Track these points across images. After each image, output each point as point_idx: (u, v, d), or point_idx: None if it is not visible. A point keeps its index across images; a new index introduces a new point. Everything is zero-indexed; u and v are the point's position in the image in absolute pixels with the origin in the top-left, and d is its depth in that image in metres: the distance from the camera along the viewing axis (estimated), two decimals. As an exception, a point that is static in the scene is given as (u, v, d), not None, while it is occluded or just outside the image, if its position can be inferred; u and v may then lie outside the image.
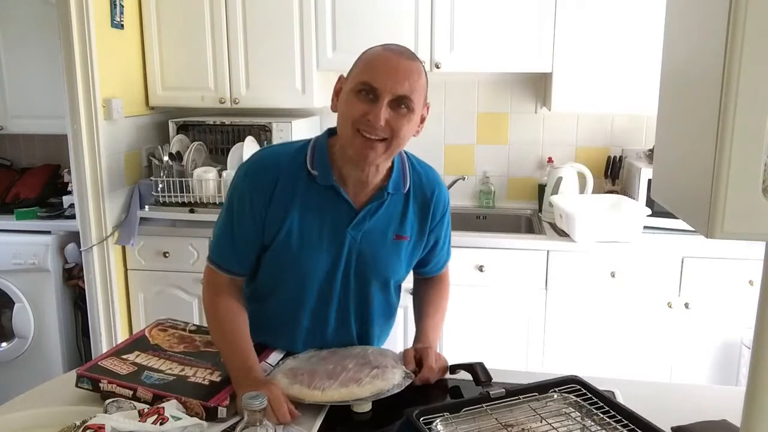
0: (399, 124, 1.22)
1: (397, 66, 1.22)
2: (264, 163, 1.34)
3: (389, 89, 1.20)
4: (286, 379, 1.27)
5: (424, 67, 1.28)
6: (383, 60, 1.23)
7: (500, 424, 1.11)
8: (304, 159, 1.33)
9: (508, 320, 2.57)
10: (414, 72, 1.23)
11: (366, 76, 1.22)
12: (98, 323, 2.76)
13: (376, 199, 1.34)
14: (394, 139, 1.23)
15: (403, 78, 1.21)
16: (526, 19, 2.62)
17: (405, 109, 1.23)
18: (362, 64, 1.25)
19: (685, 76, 0.86)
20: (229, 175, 2.71)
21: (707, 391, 1.51)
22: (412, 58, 1.25)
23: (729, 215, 0.72)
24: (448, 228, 1.49)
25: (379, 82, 1.20)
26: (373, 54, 1.25)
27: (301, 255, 1.34)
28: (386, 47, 1.26)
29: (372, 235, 1.35)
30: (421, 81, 1.25)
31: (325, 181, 1.31)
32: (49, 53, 2.85)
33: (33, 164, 3.43)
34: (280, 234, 1.32)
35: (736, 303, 2.44)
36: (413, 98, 1.23)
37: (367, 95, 1.21)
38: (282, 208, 1.31)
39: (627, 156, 2.93)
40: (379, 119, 1.20)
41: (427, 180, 1.41)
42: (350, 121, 1.23)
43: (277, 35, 2.76)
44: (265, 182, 1.30)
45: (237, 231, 1.34)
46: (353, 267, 1.37)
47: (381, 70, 1.21)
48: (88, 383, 1.25)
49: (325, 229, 1.33)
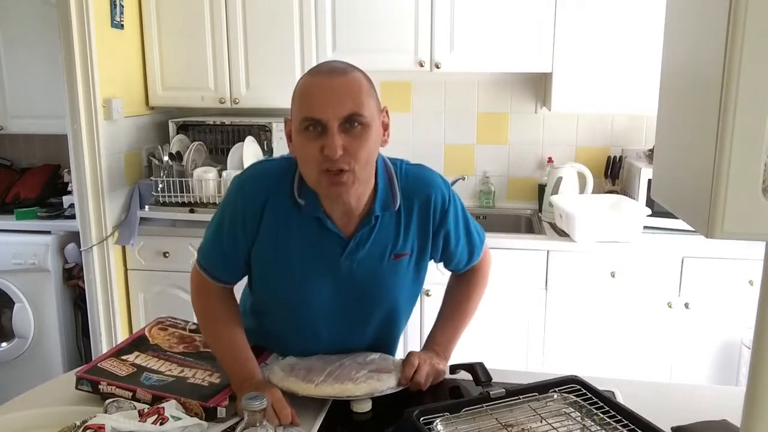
0: (357, 146, 1.14)
1: (331, 87, 1.13)
2: (257, 180, 1.27)
3: (332, 114, 1.12)
4: (281, 372, 1.27)
5: (363, 74, 1.18)
6: (315, 87, 1.15)
7: (500, 424, 1.11)
8: (291, 184, 1.26)
9: (508, 320, 2.57)
10: (352, 86, 1.14)
11: (305, 110, 1.14)
12: (98, 323, 2.76)
13: (364, 225, 1.26)
14: (358, 163, 1.14)
15: (342, 97, 1.12)
16: (526, 19, 2.61)
17: (359, 127, 1.14)
18: (298, 100, 1.17)
19: (685, 76, 0.86)
20: (229, 175, 2.71)
21: (707, 391, 1.51)
22: (345, 71, 1.16)
23: (729, 215, 0.72)
24: (457, 221, 1.36)
25: (320, 111, 1.12)
26: (304, 84, 1.17)
27: (296, 284, 1.30)
28: (314, 72, 1.18)
29: (368, 260, 1.29)
30: (364, 90, 1.16)
31: (312, 212, 1.25)
32: (49, 53, 2.85)
33: (33, 164, 3.43)
34: (273, 261, 1.29)
35: (736, 303, 2.44)
36: (363, 112, 1.14)
37: (315, 129, 1.13)
38: (273, 232, 1.26)
39: (627, 156, 2.93)
40: (336, 149, 1.11)
41: (417, 186, 1.31)
42: (312, 163, 1.15)
43: (277, 35, 2.76)
44: (258, 202, 1.25)
45: (227, 244, 1.29)
46: (352, 293, 1.33)
47: (317, 99, 1.13)
48: (87, 385, 1.25)
49: (319, 259, 1.28)
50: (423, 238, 1.33)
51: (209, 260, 1.33)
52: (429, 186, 1.32)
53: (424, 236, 1.33)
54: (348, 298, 1.33)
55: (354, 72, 1.17)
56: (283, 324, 1.39)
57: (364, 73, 1.19)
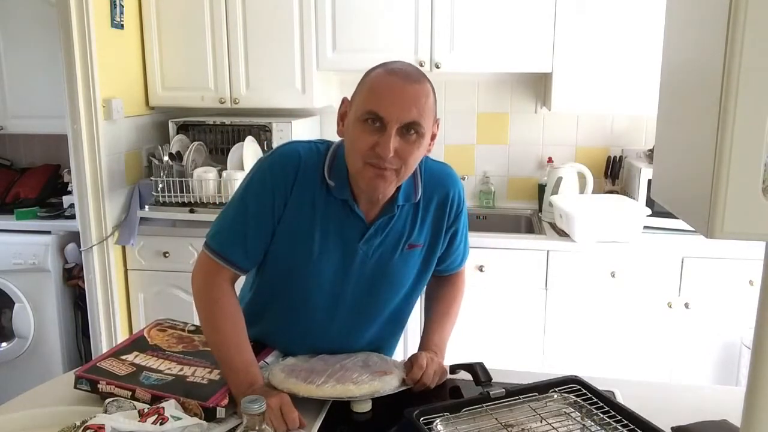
0: (408, 152, 1.19)
1: (403, 92, 1.17)
2: (289, 157, 1.29)
3: (396, 117, 1.16)
4: (282, 373, 1.27)
5: (431, 86, 1.22)
6: (388, 86, 1.18)
7: (500, 424, 1.11)
8: (322, 165, 1.29)
9: (508, 320, 2.57)
10: (422, 96, 1.18)
11: (371, 104, 1.17)
12: (98, 323, 2.76)
13: (386, 212, 1.31)
14: (404, 167, 1.21)
15: (410, 104, 1.16)
16: (526, 19, 2.61)
17: (414, 135, 1.19)
18: (367, 91, 1.20)
19: (685, 76, 0.86)
20: (230, 174, 2.71)
21: (707, 391, 1.51)
22: (419, 79, 1.20)
23: (729, 215, 0.72)
24: (465, 224, 1.44)
25: (386, 111, 1.16)
26: (378, 79, 1.20)
27: (312, 263, 1.31)
28: (391, 70, 1.20)
29: (384, 248, 1.33)
30: (429, 102, 1.20)
31: (340, 194, 1.28)
32: (49, 53, 2.85)
33: (33, 164, 3.43)
34: (292, 238, 1.29)
35: (736, 303, 2.44)
36: (422, 123, 1.18)
37: (374, 123, 1.17)
38: (297, 211, 1.28)
39: (627, 156, 2.93)
40: (389, 151, 1.16)
41: (440, 181, 1.37)
42: (359, 153, 1.19)
43: (277, 35, 2.76)
44: (288, 181, 1.27)
45: (252, 223, 1.28)
46: (364, 278, 1.34)
47: (387, 98, 1.16)
48: (86, 384, 1.24)
49: (338, 240, 1.30)
50: (436, 232, 1.38)
51: (227, 243, 1.30)
52: (450, 183, 1.38)
53: (437, 230, 1.38)
54: (357, 286, 1.35)
55: (426, 83, 1.21)
56: (286, 315, 1.39)
57: (432, 85, 1.23)
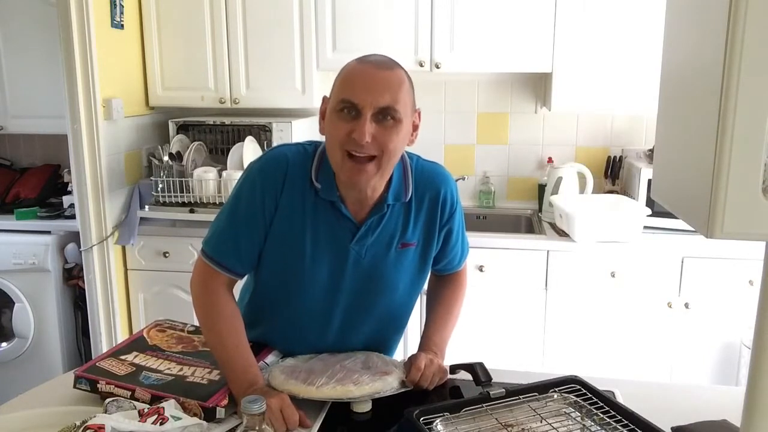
0: (386, 137, 1.19)
1: (375, 77, 1.18)
2: (277, 161, 1.30)
3: (370, 102, 1.17)
4: (282, 375, 1.27)
5: (406, 74, 1.24)
6: (360, 73, 1.20)
7: (500, 424, 1.11)
8: (310, 167, 1.29)
9: (508, 320, 2.57)
10: (394, 81, 1.19)
11: (345, 92, 1.19)
12: (98, 323, 2.76)
13: (376, 212, 1.30)
14: (384, 155, 1.20)
15: (383, 89, 1.17)
16: (526, 19, 2.61)
17: (391, 121, 1.19)
18: (340, 81, 1.22)
19: (685, 77, 0.86)
20: (230, 175, 2.71)
21: (707, 391, 1.51)
22: (391, 66, 1.22)
23: (729, 215, 0.72)
24: (460, 223, 1.44)
25: (359, 98, 1.17)
26: (350, 69, 1.22)
27: (306, 264, 1.31)
28: (363, 60, 1.22)
29: (376, 247, 1.33)
30: (404, 89, 1.21)
31: (327, 196, 1.28)
32: (49, 53, 2.85)
33: (33, 164, 3.43)
34: (284, 241, 1.30)
35: (736, 303, 2.44)
36: (398, 108, 1.19)
37: (349, 112, 1.18)
38: (288, 214, 1.28)
39: (627, 156, 2.93)
40: (364, 135, 1.16)
41: (432, 180, 1.36)
42: (336, 142, 1.20)
43: (277, 35, 2.76)
44: (277, 185, 1.28)
45: (243, 228, 1.29)
46: (359, 278, 1.34)
47: (359, 84, 1.18)
48: (86, 384, 1.24)
49: (329, 241, 1.31)
50: (429, 231, 1.38)
51: (221, 250, 1.31)
52: (441, 182, 1.38)
53: (430, 229, 1.38)
54: (353, 287, 1.35)
55: (399, 69, 1.23)
56: (284, 317, 1.39)
57: (407, 73, 1.25)
